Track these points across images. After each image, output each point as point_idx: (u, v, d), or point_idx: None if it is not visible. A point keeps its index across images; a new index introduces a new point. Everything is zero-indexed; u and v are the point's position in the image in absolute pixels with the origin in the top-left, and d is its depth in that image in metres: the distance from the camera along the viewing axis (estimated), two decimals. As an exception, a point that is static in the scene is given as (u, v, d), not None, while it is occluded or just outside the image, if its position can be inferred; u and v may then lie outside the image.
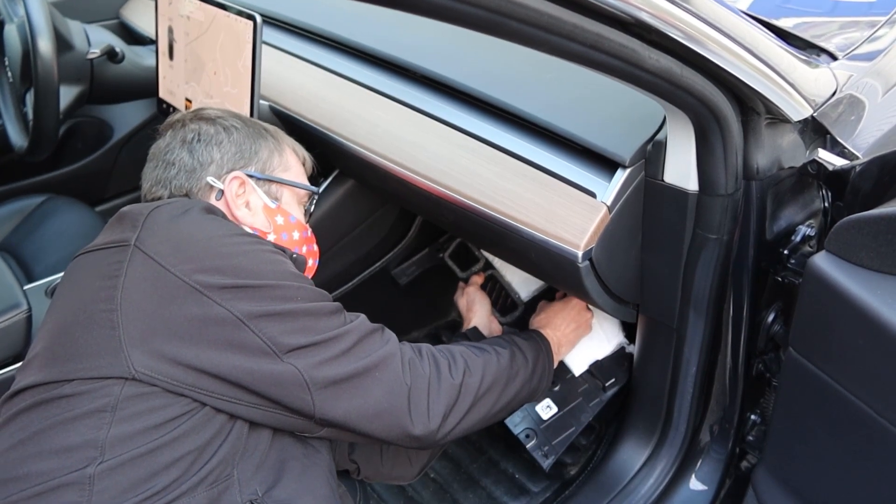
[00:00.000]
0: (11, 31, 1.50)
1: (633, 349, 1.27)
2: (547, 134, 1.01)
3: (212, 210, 0.89)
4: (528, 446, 1.25)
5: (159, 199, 0.96)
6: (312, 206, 1.10)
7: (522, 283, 1.41)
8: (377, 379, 0.85)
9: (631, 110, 0.98)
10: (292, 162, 1.05)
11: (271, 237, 0.98)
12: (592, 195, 0.93)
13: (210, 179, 0.96)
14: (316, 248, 1.09)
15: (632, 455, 1.24)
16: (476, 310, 1.34)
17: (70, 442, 0.73)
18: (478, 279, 1.41)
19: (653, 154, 0.93)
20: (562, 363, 1.30)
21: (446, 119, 1.10)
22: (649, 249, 1.01)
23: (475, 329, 1.29)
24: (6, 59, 1.56)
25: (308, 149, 1.34)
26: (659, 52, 0.71)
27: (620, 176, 0.93)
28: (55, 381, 0.76)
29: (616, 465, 1.26)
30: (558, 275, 1.06)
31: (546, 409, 1.27)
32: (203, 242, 0.81)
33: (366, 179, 1.34)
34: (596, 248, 0.94)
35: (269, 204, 0.99)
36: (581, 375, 1.28)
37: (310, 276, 1.07)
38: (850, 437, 0.79)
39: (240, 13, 1.18)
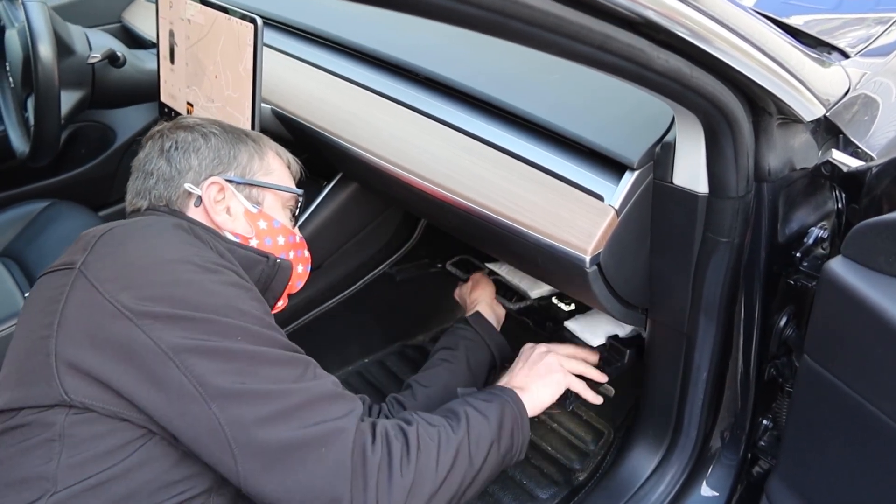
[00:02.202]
0: (12, 36, 1.49)
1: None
2: (552, 136, 0.99)
3: (181, 227, 0.85)
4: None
5: (139, 210, 0.95)
6: (298, 209, 1.07)
7: (531, 286, 1.40)
8: (321, 457, 0.72)
9: (638, 111, 0.96)
10: (275, 166, 1.03)
11: (254, 242, 0.96)
12: (600, 198, 0.91)
13: (187, 186, 0.94)
14: (307, 253, 1.06)
15: (642, 461, 1.22)
16: (479, 292, 1.31)
17: (24, 474, 0.71)
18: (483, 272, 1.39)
19: (661, 156, 0.91)
20: (578, 338, 1.25)
21: (450, 121, 1.08)
22: (658, 253, 0.99)
23: (477, 314, 1.26)
24: (7, 64, 1.55)
25: (311, 152, 1.33)
26: (668, 52, 0.69)
27: (628, 178, 0.91)
28: (10, 410, 0.75)
29: (626, 471, 1.24)
30: (565, 280, 1.04)
31: None
32: (144, 269, 0.77)
33: (369, 183, 1.33)
34: (604, 252, 0.92)
35: (251, 208, 0.97)
36: (598, 346, 1.24)
37: (301, 283, 1.05)
38: (868, 447, 0.77)
39: (241, 16, 1.17)
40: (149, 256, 0.78)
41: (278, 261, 0.95)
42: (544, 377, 1.06)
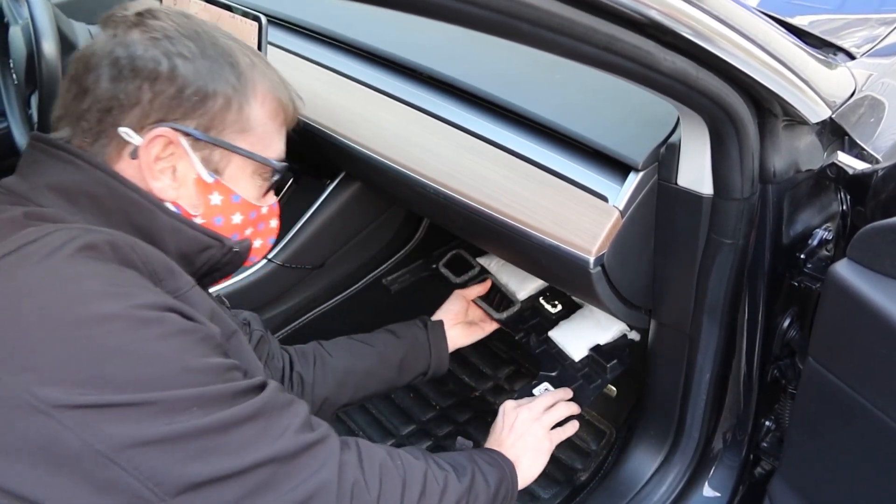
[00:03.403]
0: (16, 33, 1.48)
1: (636, 336, 1.25)
2: (557, 136, 0.98)
3: (94, 247, 0.61)
4: None
5: (63, 138, 0.72)
6: (277, 177, 0.81)
7: (519, 285, 1.39)
8: None
9: (643, 112, 0.95)
10: (257, 118, 0.76)
11: (199, 220, 0.75)
12: (604, 199, 0.91)
13: (123, 131, 0.69)
14: (274, 223, 0.85)
15: (644, 462, 1.22)
16: (445, 305, 1.31)
17: None
18: (469, 293, 1.34)
19: (666, 157, 0.91)
20: (561, 351, 1.28)
21: (453, 121, 1.08)
22: (662, 254, 0.99)
23: (440, 324, 1.26)
24: (11, 61, 1.55)
25: (314, 150, 1.33)
26: (674, 54, 0.69)
27: (633, 179, 0.91)
28: None
29: (628, 471, 1.24)
30: (569, 280, 1.04)
31: (545, 391, 1.22)
32: (56, 333, 0.55)
33: (372, 182, 1.32)
34: (608, 253, 0.92)
35: (205, 177, 0.73)
36: (581, 360, 1.26)
37: (256, 258, 0.87)
38: (872, 450, 0.77)
39: (245, 14, 1.16)
40: (57, 310, 0.56)
41: (235, 249, 0.78)
42: (534, 449, 1.04)
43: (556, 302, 1.37)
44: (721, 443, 1.16)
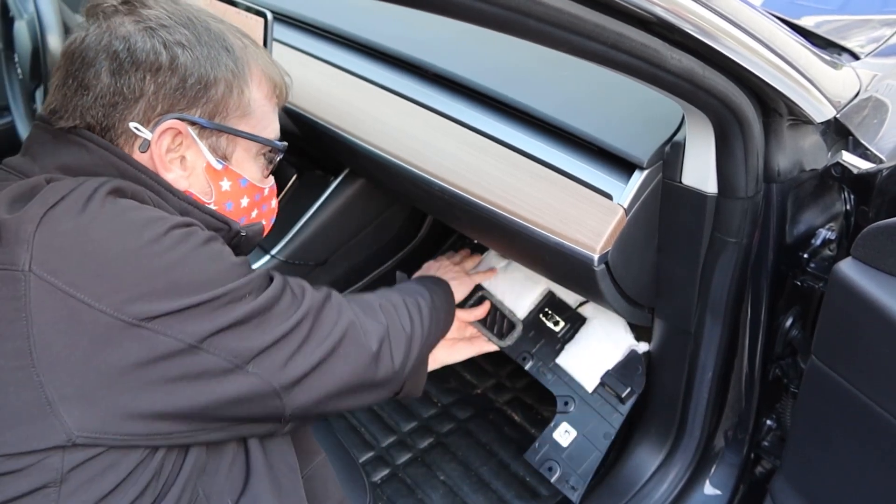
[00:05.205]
0: (21, 28, 1.49)
1: (644, 348, 1.24)
2: (562, 134, 0.99)
3: (121, 190, 0.69)
4: (552, 481, 1.21)
5: (63, 129, 0.73)
6: (279, 156, 0.88)
7: (515, 300, 1.36)
8: (342, 356, 0.79)
9: (648, 110, 0.96)
10: (256, 101, 0.80)
11: (212, 207, 0.80)
12: (608, 197, 0.91)
13: (134, 126, 0.73)
14: (274, 203, 0.91)
15: (645, 460, 1.23)
16: (430, 265, 1.34)
17: None
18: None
19: (671, 155, 0.91)
20: (573, 380, 1.26)
21: (458, 118, 1.08)
22: (666, 253, 0.99)
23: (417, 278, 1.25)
24: (16, 55, 1.55)
25: (318, 147, 1.33)
26: (681, 53, 0.70)
27: (637, 178, 0.91)
28: None
29: (629, 469, 1.24)
30: (572, 277, 1.04)
31: (564, 434, 1.23)
32: (127, 258, 0.65)
33: (376, 178, 1.33)
34: (612, 251, 0.92)
35: (214, 164, 0.78)
36: (594, 391, 1.24)
37: (258, 238, 0.92)
38: (875, 449, 0.77)
39: (250, 10, 1.17)
40: (122, 240, 0.65)
41: (243, 234, 0.83)
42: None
43: (558, 319, 1.33)
44: (722, 441, 1.16)
